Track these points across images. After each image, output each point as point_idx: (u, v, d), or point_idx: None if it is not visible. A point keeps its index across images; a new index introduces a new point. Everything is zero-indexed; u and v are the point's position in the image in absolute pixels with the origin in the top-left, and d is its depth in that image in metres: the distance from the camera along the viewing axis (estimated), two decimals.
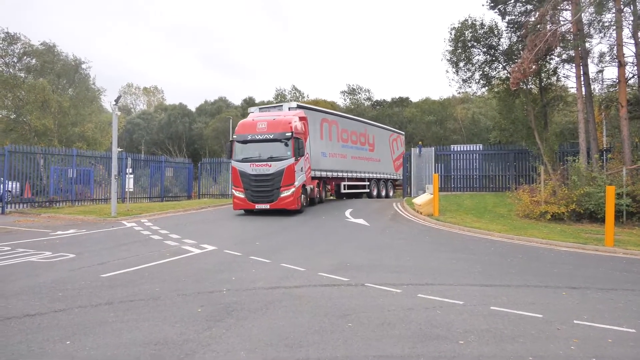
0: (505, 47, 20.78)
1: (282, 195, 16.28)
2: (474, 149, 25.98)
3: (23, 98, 26.51)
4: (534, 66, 16.76)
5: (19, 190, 19.30)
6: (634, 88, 19.95)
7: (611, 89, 20.03)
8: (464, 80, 21.95)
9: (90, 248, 10.18)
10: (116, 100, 17.81)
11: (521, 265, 8.78)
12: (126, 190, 19.30)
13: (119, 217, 16.07)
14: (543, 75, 20.26)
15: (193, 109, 59.70)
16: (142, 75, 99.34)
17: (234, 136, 17.43)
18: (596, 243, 11.01)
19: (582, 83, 17.35)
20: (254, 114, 18.86)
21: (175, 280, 7.09)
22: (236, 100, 61.21)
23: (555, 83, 20.98)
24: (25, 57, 27.80)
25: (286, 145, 16.32)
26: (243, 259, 8.80)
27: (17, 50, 27.21)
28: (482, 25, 20.69)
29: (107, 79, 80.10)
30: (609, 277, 7.89)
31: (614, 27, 16.57)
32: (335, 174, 21.35)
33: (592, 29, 18.02)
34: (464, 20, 20.83)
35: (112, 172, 17.31)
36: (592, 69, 19.58)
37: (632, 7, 16.37)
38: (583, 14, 16.83)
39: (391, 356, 4.23)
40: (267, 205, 16.42)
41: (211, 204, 21.89)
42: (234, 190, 17.30)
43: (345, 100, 57.68)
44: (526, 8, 19.56)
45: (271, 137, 16.51)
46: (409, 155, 26.23)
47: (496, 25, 20.68)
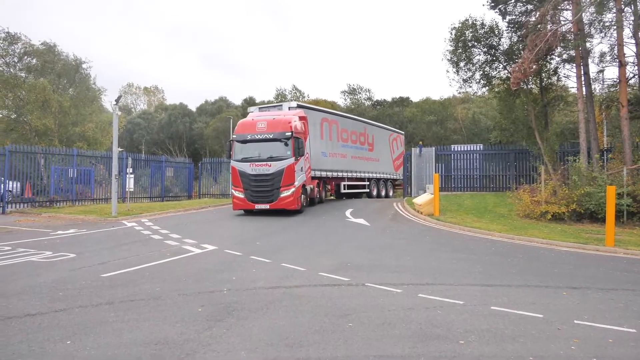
0: (506, 47, 20.76)
1: (282, 195, 16.18)
2: (475, 149, 25.94)
3: (24, 98, 26.52)
4: (534, 66, 16.74)
5: (19, 190, 19.32)
6: (635, 88, 19.95)
7: (612, 89, 20.00)
8: (465, 80, 21.94)
9: (91, 248, 10.20)
10: (117, 100, 17.83)
11: (522, 265, 8.78)
12: (127, 190, 19.32)
13: (119, 217, 16.09)
14: (544, 75, 20.24)
15: (193, 109, 59.77)
16: (143, 75, 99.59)
17: (233, 136, 17.32)
18: (597, 243, 11.01)
19: (583, 83, 17.33)
20: (254, 113, 18.75)
21: (176, 280, 7.09)
22: (236, 100, 61.33)
23: (555, 83, 20.96)
24: (25, 57, 27.81)
25: (286, 145, 16.26)
26: (243, 259, 8.80)
27: (18, 50, 27.24)
28: (483, 25, 20.67)
29: (108, 79, 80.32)
30: (610, 277, 7.89)
31: (615, 27, 16.56)
32: (335, 174, 21.31)
33: (593, 29, 18.01)
34: (465, 20, 20.82)
35: (113, 172, 17.32)
36: (593, 68, 19.63)
37: (633, 7, 16.36)
38: (584, 14, 16.82)
39: (392, 356, 4.23)
40: (267, 206, 16.32)
41: (211, 204, 21.91)
42: (233, 190, 17.21)
43: (345, 100, 57.75)
44: (527, 8, 19.54)
45: (271, 137, 16.42)
46: (409, 155, 26.20)
47: (497, 25, 20.68)
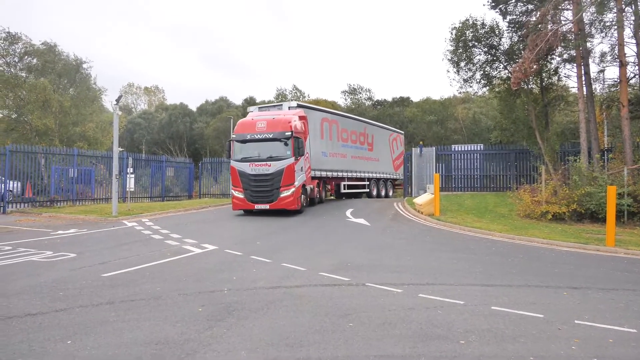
0: (506, 47, 20.76)
1: (282, 195, 16.09)
2: (475, 149, 25.93)
3: (24, 98, 26.56)
4: (535, 66, 16.73)
5: (20, 189, 19.33)
6: (635, 88, 19.93)
7: (612, 89, 19.98)
8: (465, 80, 21.94)
9: (91, 247, 10.20)
10: (117, 100, 17.83)
11: (522, 265, 8.78)
12: (127, 189, 19.33)
13: (120, 217, 16.10)
14: (544, 75, 20.24)
15: (194, 109, 59.76)
16: (143, 75, 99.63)
17: (232, 135, 17.18)
18: (597, 243, 11.00)
19: (584, 83, 17.32)
20: (253, 113, 18.63)
21: (176, 280, 7.10)
22: (237, 100, 61.30)
23: (556, 83, 20.96)
24: (26, 57, 27.86)
25: (286, 144, 16.16)
26: (244, 259, 8.80)
27: (19, 49, 27.29)
28: (483, 25, 20.67)
29: (108, 79, 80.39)
30: (610, 277, 7.88)
31: (615, 27, 16.55)
32: (335, 174, 21.24)
33: (594, 29, 18.00)
34: (465, 20, 20.82)
35: (113, 172, 17.32)
36: (594, 68, 19.68)
37: (634, 7, 16.34)
38: (584, 14, 16.81)
39: (392, 356, 4.23)
40: (267, 206, 16.23)
41: (212, 204, 21.92)
42: (233, 191, 17.10)
43: (346, 100, 57.70)
44: (527, 8, 19.54)
45: (270, 137, 16.32)
46: (409, 155, 26.18)
47: (497, 25, 20.68)
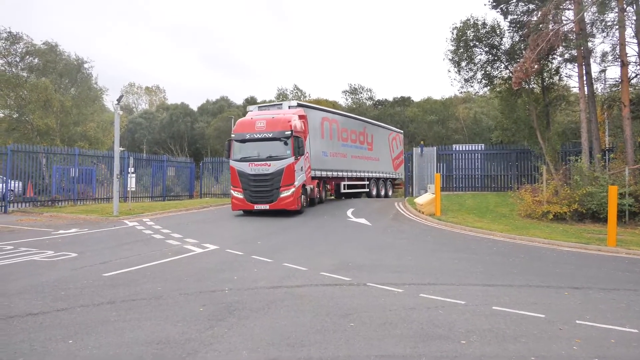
0: (508, 47, 20.74)
1: (282, 195, 15.94)
2: (476, 149, 25.91)
3: (25, 97, 26.57)
4: (536, 66, 16.70)
5: (21, 189, 19.36)
6: (637, 87, 19.90)
7: (614, 89, 19.95)
8: (466, 80, 21.92)
9: (92, 247, 10.21)
10: (118, 100, 17.84)
11: (523, 265, 8.77)
12: (128, 189, 19.35)
13: (121, 217, 16.11)
14: (545, 74, 20.22)
15: (195, 109, 59.76)
16: (144, 75, 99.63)
17: (232, 135, 17.00)
18: (598, 243, 10.99)
19: (585, 82, 17.29)
20: (253, 112, 18.38)
21: (177, 280, 7.10)
22: (238, 99, 61.19)
23: (557, 82, 20.94)
24: (27, 57, 27.85)
25: (285, 144, 16.02)
26: (245, 259, 8.80)
27: (20, 49, 27.28)
28: (484, 24, 20.64)
29: (109, 79, 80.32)
30: (611, 277, 7.87)
31: (617, 27, 16.51)
32: (335, 174, 21.11)
33: (595, 29, 17.96)
34: (466, 20, 20.80)
35: (114, 172, 17.35)
36: (595, 68, 19.64)
37: (635, 7, 16.32)
38: (585, 14, 16.79)
39: (393, 356, 4.23)
40: (267, 206, 16.07)
41: (213, 204, 21.93)
42: (232, 191, 16.94)
43: (347, 99, 57.63)
44: (528, 7, 19.51)
45: (270, 136, 16.16)
46: (410, 155, 26.14)
47: (498, 25, 20.63)
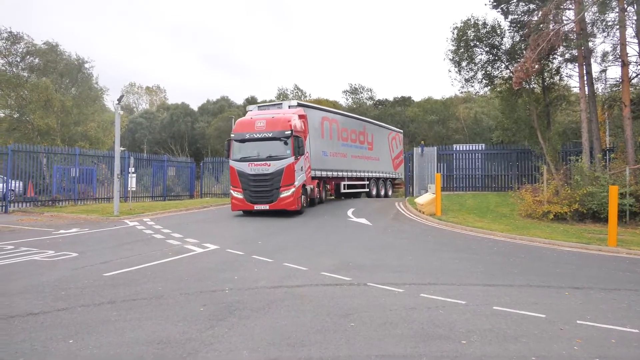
0: (508, 47, 20.72)
1: (282, 195, 15.84)
2: (477, 149, 25.91)
3: (26, 97, 26.59)
4: (536, 66, 16.69)
5: (22, 189, 19.38)
6: (638, 87, 19.89)
7: (614, 89, 19.94)
8: (467, 80, 21.91)
9: (93, 247, 10.22)
10: (119, 100, 17.83)
11: (524, 265, 8.77)
12: (129, 189, 19.36)
13: (121, 216, 16.12)
14: (546, 74, 20.21)
15: (195, 109, 59.77)
16: (144, 75, 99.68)
17: (231, 135, 16.87)
18: (599, 243, 10.98)
19: (585, 82, 17.29)
20: (253, 112, 18.25)
21: (178, 280, 7.11)
22: (238, 99, 61.21)
23: (558, 82, 20.92)
24: (28, 57, 27.86)
25: (285, 144, 15.92)
26: (245, 258, 8.80)
27: (20, 49, 27.30)
28: (485, 24, 20.63)
29: (110, 79, 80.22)
30: (612, 277, 7.87)
31: (618, 27, 16.50)
32: (335, 174, 21.01)
33: (595, 29, 17.94)
34: (467, 20, 20.78)
35: (115, 171, 17.35)
36: (596, 68, 19.63)
37: (636, 6, 16.30)
38: (586, 13, 16.78)
39: (393, 356, 4.23)
40: (267, 206, 15.97)
41: (213, 204, 21.93)
42: (232, 191, 16.82)
43: (347, 99, 57.63)
44: (529, 7, 19.49)
45: (270, 136, 16.06)
46: (411, 155, 26.14)
47: (499, 25, 20.62)
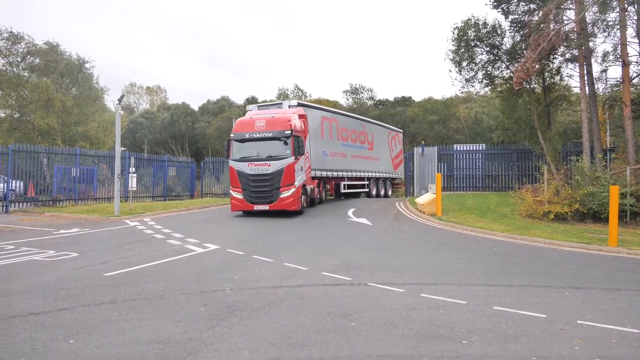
0: (509, 47, 20.70)
1: (282, 195, 15.75)
2: (477, 149, 25.89)
3: (27, 97, 26.58)
4: (537, 65, 16.69)
5: (22, 189, 19.39)
6: (638, 87, 19.86)
7: (615, 89, 19.90)
8: (467, 80, 21.89)
9: (94, 247, 10.23)
10: (119, 100, 17.84)
11: (524, 265, 8.76)
12: (129, 189, 19.37)
13: (122, 216, 16.12)
14: (546, 74, 20.18)
15: (196, 109, 59.73)
16: (145, 75, 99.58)
17: (231, 135, 16.76)
18: (600, 243, 10.98)
19: (586, 82, 17.28)
20: (252, 112, 18.10)
21: (178, 279, 7.11)
22: (239, 99, 61.15)
23: (558, 82, 20.90)
24: (28, 57, 27.84)
25: (285, 143, 15.84)
26: (246, 258, 8.81)
27: (21, 49, 27.28)
28: (485, 24, 20.62)
29: (110, 79, 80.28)
30: (613, 277, 7.86)
31: (618, 26, 16.48)
32: (335, 174, 20.94)
33: (596, 28, 17.92)
34: (467, 20, 20.76)
35: (115, 171, 17.36)
36: (596, 68, 19.61)
37: (637, 6, 16.29)
38: (587, 13, 16.77)
39: (394, 356, 4.23)
40: (267, 207, 15.88)
41: (214, 203, 21.93)
42: (231, 191, 16.71)
43: (347, 99, 57.59)
44: (529, 7, 19.47)
45: (270, 136, 15.97)
46: (411, 155, 26.13)
47: (499, 25, 20.60)
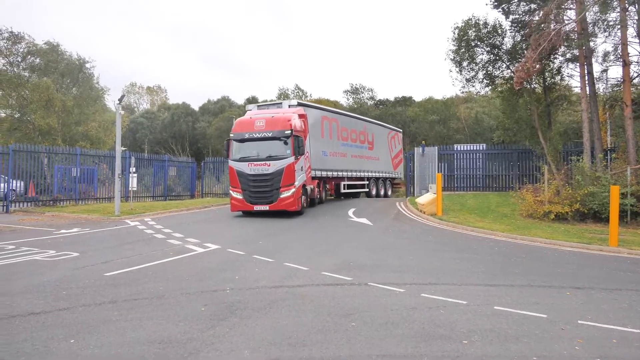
0: (509, 47, 20.69)
1: (282, 196, 15.64)
2: (478, 149, 25.90)
3: (27, 97, 26.59)
4: (537, 65, 16.68)
5: (23, 189, 19.40)
6: (639, 87, 19.85)
7: (615, 89, 19.90)
8: (468, 80, 21.88)
9: (94, 247, 10.23)
10: (120, 100, 17.84)
11: (525, 265, 8.76)
12: (129, 189, 19.39)
13: (122, 216, 16.13)
14: (547, 74, 20.18)
15: (196, 108, 59.76)
16: (145, 75, 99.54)
17: (230, 134, 16.62)
18: (600, 243, 10.98)
19: (587, 82, 17.27)
20: (252, 111, 17.95)
21: (179, 279, 7.11)
22: (239, 99, 61.19)
23: (559, 82, 20.89)
24: (29, 57, 27.85)
25: (285, 143, 15.74)
26: (246, 258, 8.81)
27: (21, 49, 27.30)
28: (486, 24, 20.61)
29: (111, 79, 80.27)
30: (613, 277, 7.86)
31: (619, 26, 16.47)
32: (335, 174, 20.86)
33: (597, 28, 17.91)
34: (468, 20, 20.76)
35: (116, 171, 17.37)
36: (597, 68, 19.49)
37: (637, 6, 16.28)
38: (587, 13, 16.76)
39: (394, 356, 4.23)
40: (267, 207, 15.76)
41: (214, 203, 21.94)
42: (231, 191, 16.56)
43: (348, 99, 57.59)
44: (530, 7, 19.46)
45: (270, 135, 15.86)
46: (412, 155, 26.12)
47: (500, 25, 20.60)
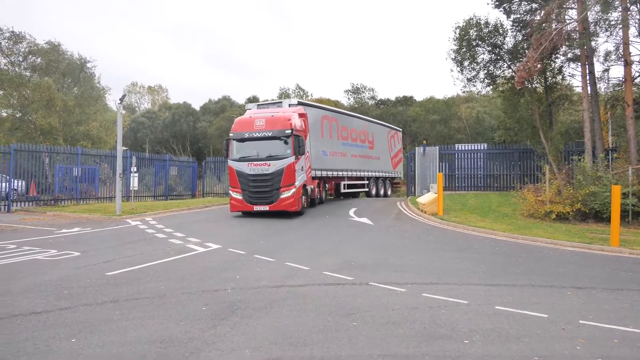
0: (510, 46, 20.66)
1: (282, 196, 15.48)
2: (479, 148, 25.88)
3: (28, 97, 26.61)
4: (539, 65, 16.66)
5: (24, 188, 19.43)
6: None
7: (617, 88, 19.87)
8: (469, 79, 21.85)
9: (96, 246, 10.24)
10: (121, 99, 17.86)
11: (526, 264, 8.76)
12: (131, 188, 19.41)
13: (123, 216, 16.14)
14: (548, 74, 20.14)
15: (197, 108, 59.72)
16: (146, 75, 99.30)
17: (230, 134, 16.45)
18: (602, 243, 10.96)
19: (588, 82, 17.24)
20: (252, 110, 17.74)
21: (180, 279, 7.12)
22: (240, 99, 61.10)
23: (560, 82, 20.85)
24: (30, 56, 27.88)
25: (286, 143, 15.58)
26: (247, 258, 8.82)
27: (23, 49, 27.32)
28: (487, 24, 20.58)
29: (112, 78, 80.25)
30: (615, 277, 7.85)
31: (620, 26, 16.45)
32: (335, 173, 20.76)
33: (598, 28, 17.88)
34: (469, 19, 20.72)
35: (117, 171, 17.38)
36: (598, 67, 19.42)
37: (639, 6, 16.26)
38: (589, 13, 16.73)
39: (396, 355, 4.23)
40: (267, 207, 15.59)
41: (215, 203, 21.95)
42: (231, 191, 16.36)
43: (349, 99, 57.54)
44: (531, 7, 19.42)
45: (270, 135, 15.68)
46: (413, 154, 26.11)
47: (501, 24, 20.57)
